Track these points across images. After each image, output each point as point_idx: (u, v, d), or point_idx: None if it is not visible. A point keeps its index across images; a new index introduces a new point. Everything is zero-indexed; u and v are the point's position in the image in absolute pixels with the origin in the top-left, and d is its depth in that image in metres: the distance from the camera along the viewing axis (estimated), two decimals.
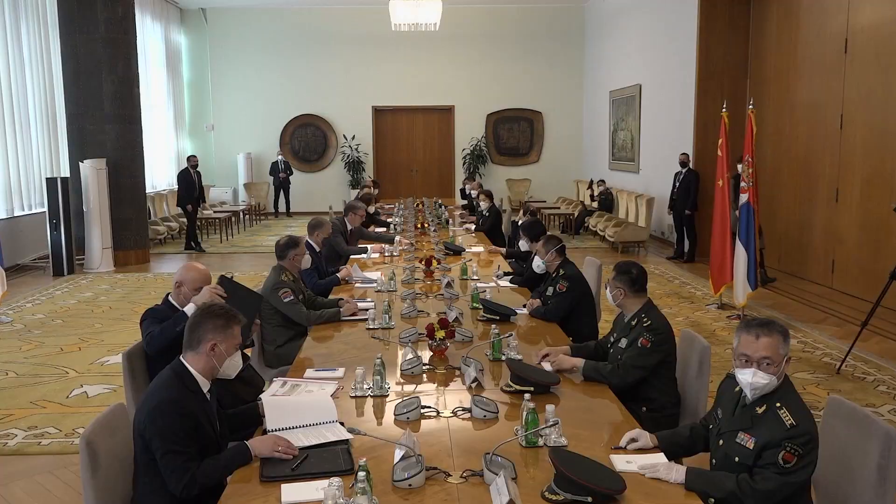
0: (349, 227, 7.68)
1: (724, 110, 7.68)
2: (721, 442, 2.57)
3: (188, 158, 12.77)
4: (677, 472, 2.41)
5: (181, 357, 2.73)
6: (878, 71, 7.77)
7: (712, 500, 2.39)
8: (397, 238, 7.63)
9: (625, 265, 3.66)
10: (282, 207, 17.41)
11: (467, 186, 13.39)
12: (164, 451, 2.50)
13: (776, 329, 2.50)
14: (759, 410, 2.47)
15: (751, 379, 2.46)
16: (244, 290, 3.83)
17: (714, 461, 2.62)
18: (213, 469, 2.55)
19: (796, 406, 2.43)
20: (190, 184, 12.32)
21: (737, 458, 2.47)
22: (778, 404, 2.43)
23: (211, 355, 2.70)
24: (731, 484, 2.35)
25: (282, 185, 17.18)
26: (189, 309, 3.52)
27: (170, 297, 3.66)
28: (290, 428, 2.76)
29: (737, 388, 2.58)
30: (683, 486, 2.39)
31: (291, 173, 17.26)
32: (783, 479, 2.32)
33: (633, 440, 2.66)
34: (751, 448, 2.43)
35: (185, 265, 3.74)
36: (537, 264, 5.02)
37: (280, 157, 17.16)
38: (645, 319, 3.49)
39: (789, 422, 2.37)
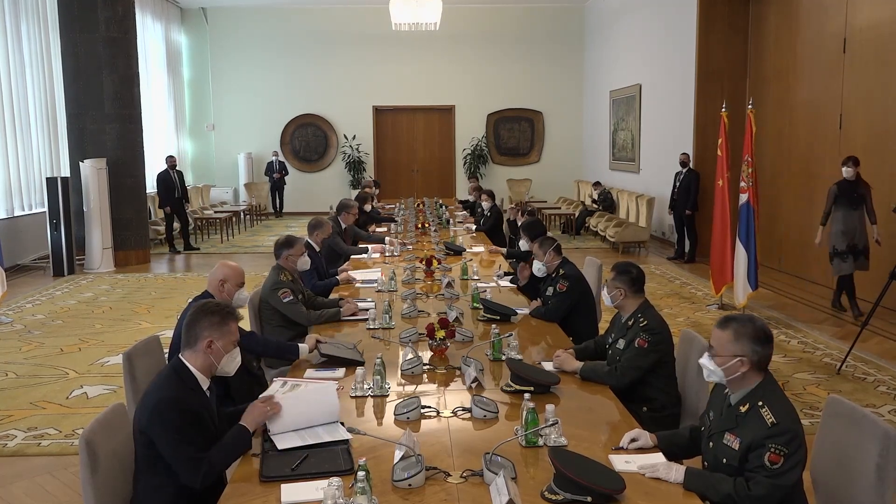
0: (343, 226, 7.64)
1: (723, 110, 7.68)
2: (711, 444, 2.59)
3: (166, 159, 12.60)
4: (677, 472, 2.42)
5: (180, 355, 2.74)
6: (877, 71, 7.77)
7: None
8: (387, 239, 7.60)
9: (624, 265, 3.66)
10: (271, 208, 17.43)
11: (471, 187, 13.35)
12: (174, 445, 2.51)
13: (731, 326, 2.54)
14: (743, 410, 2.49)
15: (703, 360, 2.59)
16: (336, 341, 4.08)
17: (706, 463, 2.63)
18: (224, 454, 2.59)
19: (779, 405, 2.43)
20: (170, 185, 12.25)
21: (724, 460, 2.48)
22: (760, 403, 2.45)
23: (208, 352, 2.71)
24: (728, 487, 2.36)
25: (276, 186, 17.19)
26: (303, 349, 3.80)
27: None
28: (292, 431, 2.75)
29: (725, 390, 2.61)
30: (682, 486, 2.39)
31: (287, 173, 17.26)
32: (773, 482, 2.32)
33: (634, 440, 2.66)
34: (736, 449, 2.44)
35: (221, 263, 3.87)
36: (538, 267, 5.00)
37: (275, 157, 17.16)
38: (641, 320, 3.50)
39: (770, 420, 2.38)
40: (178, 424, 2.52)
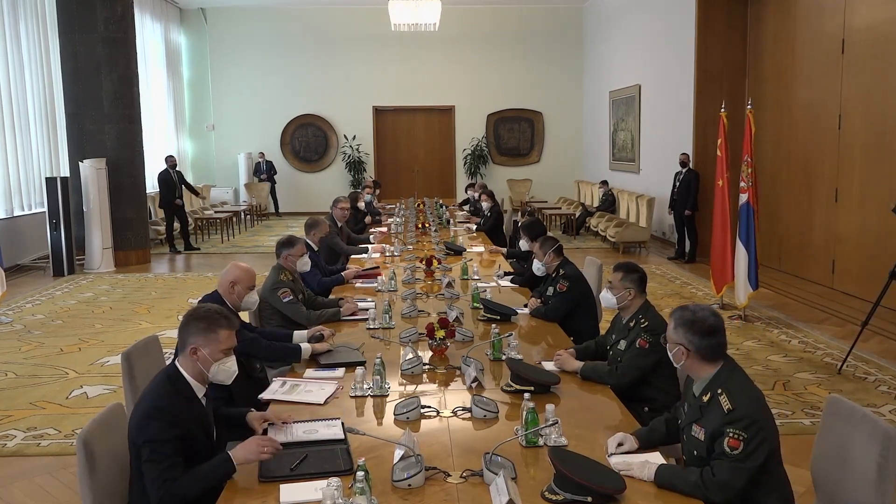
0: (339, 224, 7.61)
1: (723, 110, 7.68)
2: (684, 437, 2.61)
3: (166, 159, 12.58)
4: (649, 470, 2.43)
5: (176, 360, 2.67)
6: (876, 71, 7.76)
7: None
8: (370, 247, 7.29)
9: (630, 265, 3.67)
10: (272, 208, 17.44)
11: (470, 191, 13.33)
12: (146, 458, 2.43)
13: (674, 315, 2.63)
14: (705, 399, 2.52)
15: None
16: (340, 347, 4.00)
17: (685, 458, 2.65)
18: (194, 482, 2.43)
19: (737, 391, 2.46)
20: (171, 185, 12.24)
21: (695, 452, 2.51)
22: (719, 391, 2.47)
23: (194, 360, 2.61)
24: (696, 477, 2.37)
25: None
26: (306, 349, 3.76)
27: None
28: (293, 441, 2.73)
29: (694, 382, 2.63)
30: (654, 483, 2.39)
31: (275, 173, 17.28)
32: (735, 465, 2.34)
33: (620, 444, 2.65)
34: (702, 439, 2.47)
35: (233, 264, 3.79)
36: (537, 266, 5.01)
37: (261, 158, 17.15)
38: (642, 321, 3.50)
39: (727, 407, 2.41)
40: (161, 437, 2.42)
